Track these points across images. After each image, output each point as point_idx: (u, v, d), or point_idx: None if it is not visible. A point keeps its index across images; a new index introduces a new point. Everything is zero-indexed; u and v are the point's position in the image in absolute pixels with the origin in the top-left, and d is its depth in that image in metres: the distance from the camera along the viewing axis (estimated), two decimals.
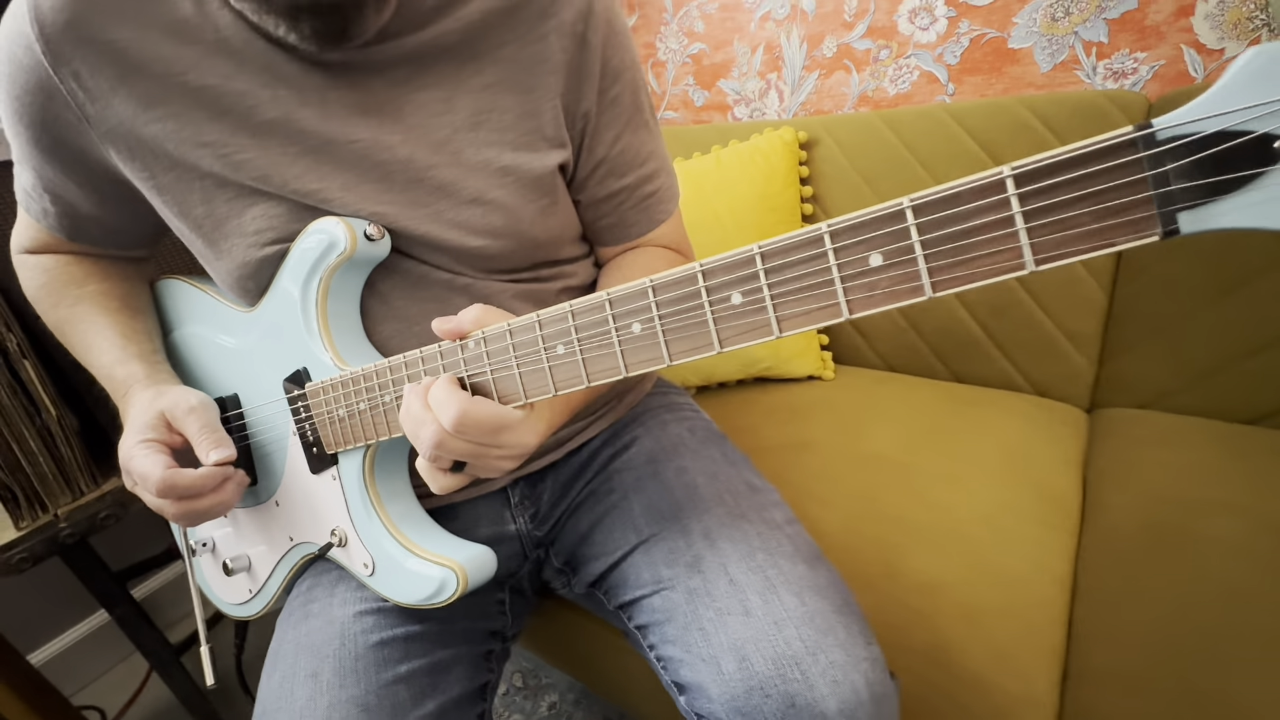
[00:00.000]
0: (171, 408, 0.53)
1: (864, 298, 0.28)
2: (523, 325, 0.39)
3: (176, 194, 0.51)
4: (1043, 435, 0.85)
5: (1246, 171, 0.21)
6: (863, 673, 0.43)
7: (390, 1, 0.46)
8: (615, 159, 0.58)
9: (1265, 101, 0.21)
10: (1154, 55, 0.98)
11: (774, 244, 0.30)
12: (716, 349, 0.32)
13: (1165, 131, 0.22)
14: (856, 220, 0.27)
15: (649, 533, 0.55)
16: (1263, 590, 0.57)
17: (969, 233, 0.25)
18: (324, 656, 0.51)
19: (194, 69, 0.48)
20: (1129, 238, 0.22)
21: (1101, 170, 0.23)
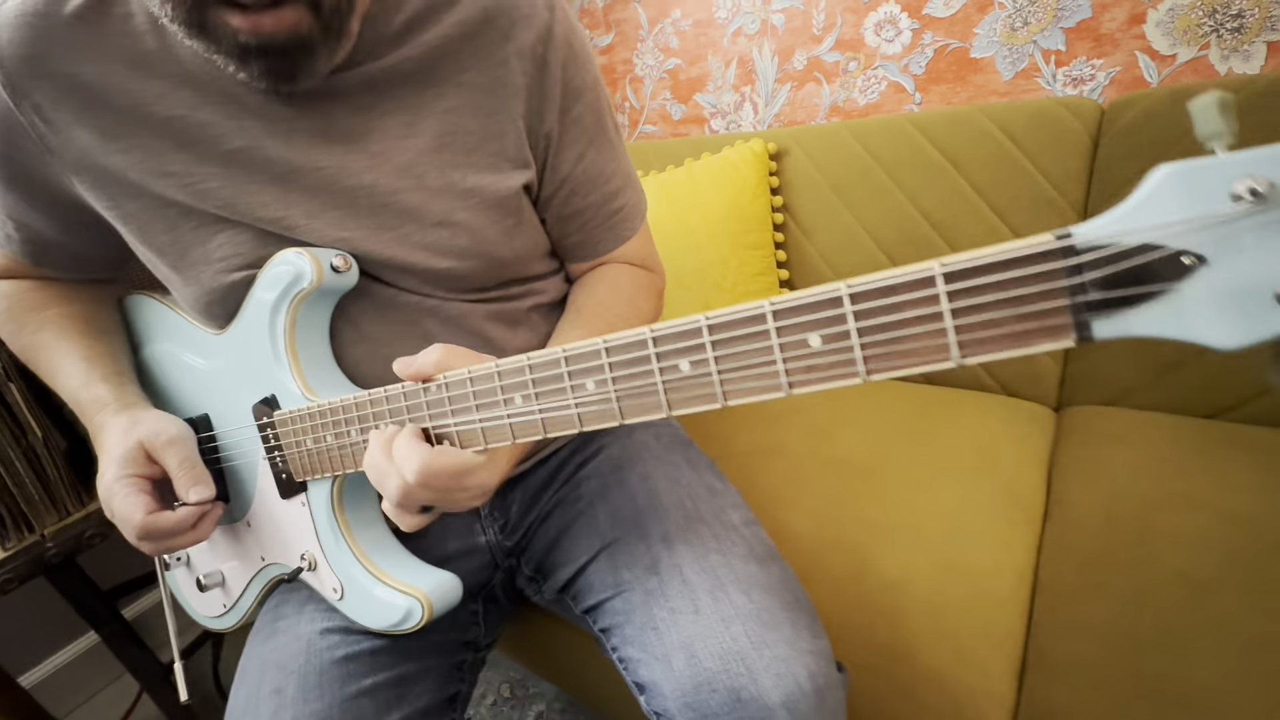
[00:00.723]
0: (150, 438, 0.52)
1: (803, 377, 0.28)
2: (483, 374, 0.39)
3: (141, 222, 0.50)
4: (1009, 434, 0.86)
5: (1157, 286, 0.21)
6: (805, 665, 0.44)
7: (344, 41, 0.45)
8: (579, 177, 0.57)
9: (1177, 220, 0.21)
10: (1110, 62, 0.98)
11: (720, 316, 0.29)
12: (666, 413, 0.32)
13: (1083, 243, 0.22)
14: (798, 302, 0.27)
15: (611, 538, 0.55)
16: (1218, 580, 0.58)
17: (901, 324, 0.25)
18: (289, 673, 0.50)
19: (158, 101, 0.47)
20: (1046, 341, 0.23)
21: (1023, 276, 0.23)
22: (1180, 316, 0.21)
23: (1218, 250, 0.21)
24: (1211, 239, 0.21)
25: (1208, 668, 0.52)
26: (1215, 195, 0.21)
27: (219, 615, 0.65)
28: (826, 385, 0.27)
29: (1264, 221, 0.20)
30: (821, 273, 1.10)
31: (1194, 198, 0.21)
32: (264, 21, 0.39)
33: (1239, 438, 0.77)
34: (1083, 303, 0.22)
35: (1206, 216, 0.21)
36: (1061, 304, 0.22)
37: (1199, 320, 0.21)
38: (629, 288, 0.61)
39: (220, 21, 0.39)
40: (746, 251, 1.06)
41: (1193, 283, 0.21)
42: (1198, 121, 0.22)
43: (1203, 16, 0.90)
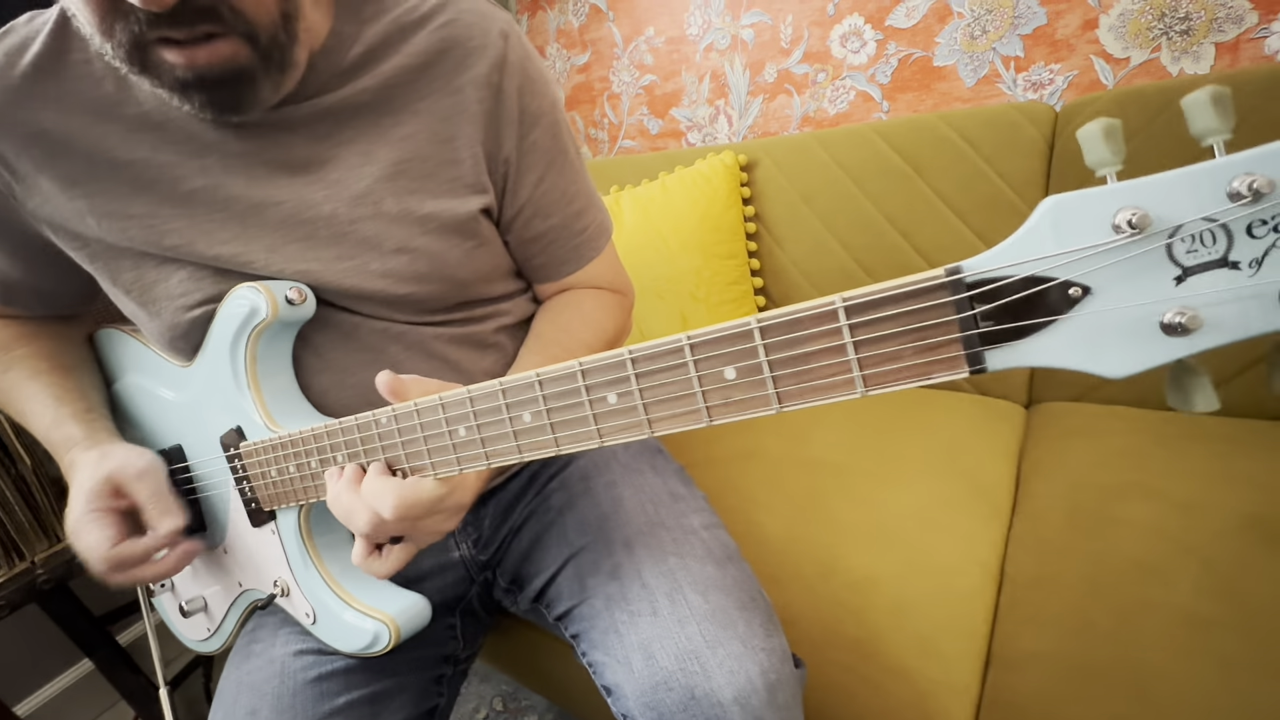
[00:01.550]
0: (119, 471, 0.51)
1: (721, 405, 0.27)
2: (428, 406, 0.39)
3: (107, 261, 0.50)
4: (980, 432, 0.86)
5: (1046, 317, 0.21)
6: (758, 662, 0.43)
7: (291, 71, 0.44)
8: (540, 200, 0.56)
9: (1062, 251, 0.20)
10: (1067, 66, 0.98)
11: (642, 350, 0.29)
12: (599, 442, 0.32)
13: (973, 276, 0.21)
14: (713, 335, 0.27)
15: (578, 546, 0.55)
16: (1169, 566, 0.58)
17: (809, 357, 0.25)
18: (263, 695, 0.50)
19: (119, 145, 0.47)
20: (943, 372, 0.22)
21: (918, 309, 0.22)
22: (1070, 347, 0.21)
23: (1102, 280, 0.20)
24: (1095, 269, 0.20)
25: (1158, 651, 0.52)
26: (1098, 226, 0.20)
27: (204, 639, 0.65)
28: (744, 415, 0.27)
29: (1143, 252, 0.20)
30: (794, 279, 1.09)
31: (1077, 229, 0.20)
32: (198, 55, 0.39)
33: (1196, 428, 0.76)
34: (975, 335, 0.21)
35: (1089, 247, 0.20)
36: (954, 336, 0.22)
37: (1088, 350, 0.21)
38: (591, 309, 0.61)
39: (159, 58, 0.39)
40: (720, 261, 1.06)
41: (1080, 313, 0.21)
42: (1085, 150, 0.21)
43: (1152, 20, 0.89)
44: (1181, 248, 0.20)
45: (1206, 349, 0.20)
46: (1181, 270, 0.20)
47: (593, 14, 1.43)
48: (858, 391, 0.24)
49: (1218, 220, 0.19)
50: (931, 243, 0.95)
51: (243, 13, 0.39)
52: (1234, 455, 0.70)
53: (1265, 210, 0.19)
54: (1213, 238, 0.19)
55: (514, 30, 0.54)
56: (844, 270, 1.03)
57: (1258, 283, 0.19)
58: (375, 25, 0.50)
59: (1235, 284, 0.19)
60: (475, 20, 0.52)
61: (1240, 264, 0.19)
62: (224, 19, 0.38)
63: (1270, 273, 0.19)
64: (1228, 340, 0.20)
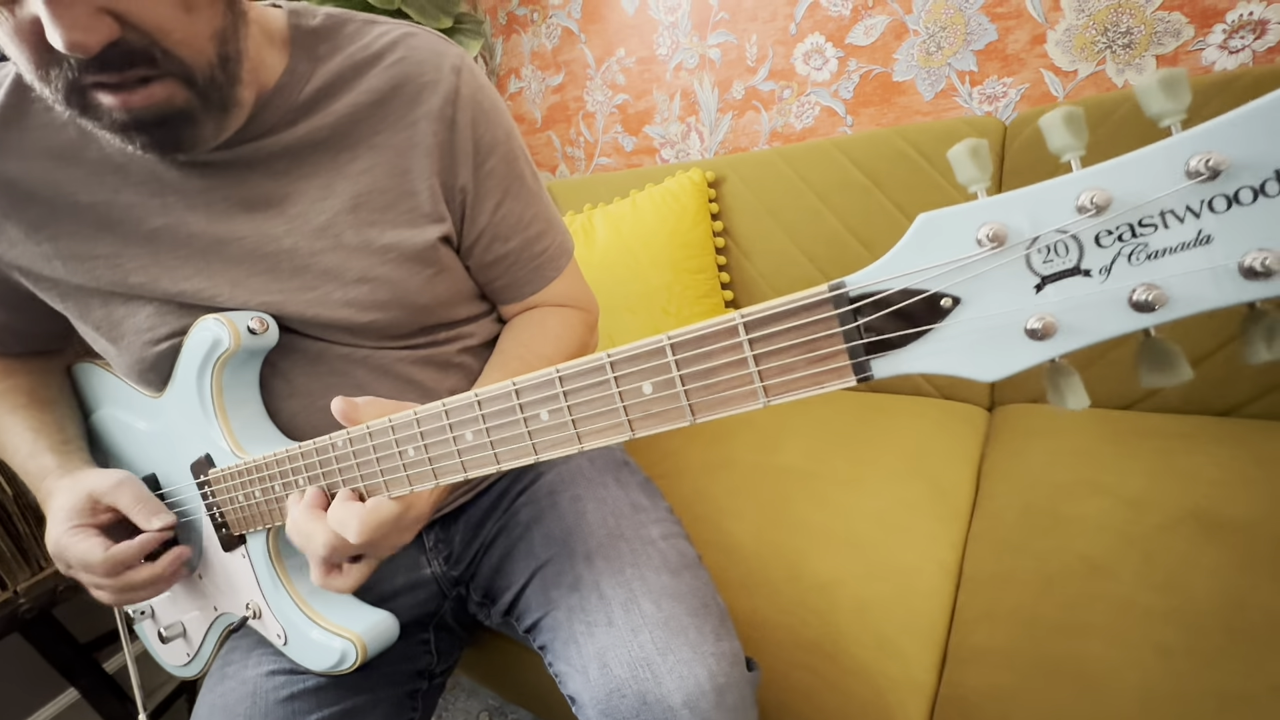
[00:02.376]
0: (95, 487, 0.51)
1: (642, 418, 0.28)
2: (379, 428, 0.39)
3: (78, 300, 0.50)
4: (943, 435, 0.87)
5: (922, 326, 0.22)
6: (706, 666, 0.44)
7: (235, 110, 0.45)
8: (498, 225, 0.57)
9: (932, 264, 0.21)
10: (1019, 79, 1.00)
11: (569, 368, 0.30)
12: (535, 457, 0.33)
13: (855, 290, 0.22)
14: (631, 353, 0.28)
15: (544, 559, 0.56)
16: (1115, 560, 0.59)
17: (716, 370, 0.26)
18: (235, 715, 0.50)
19: (82, 188, 0.47)
20: (834, 381, 0.23)
21: (808, 323, 0.23)
22: (946, 353, 0.22)
23: (970, 291, 0.21)
24: (963, 281, 0.21)
25: (1101, 642, 0.53)
26: (963, 240, 0.21)
27: (184, 664, 0.65)
28: (663, 427, 0.28)
29: (1004, 263, 0.21)
30: (763, 291, 1.10)
31: (945, 243, 0.21)
32: (133, 99, 0.39)
33: (1146, 425, 0.78)
34: (859, 345, 0.23)
35: (955, 261, 0.21)
36: (841, 347, 0.23)
37: (962, 356, 0.22)
38: (554, 326, 0.61)
39: (96, 102, 0.39)
40: (690, 275, 1.07)
41: (953, 322, 0.22)
42: (955, 169, 0.22)
43: (1096, 34, 0.92)
44: (1038, 258, 0.21)
45: (1068, 351, 0.21)
46: (1040, 279, 0.21)
47: (565, 36, 1.46)
48: (760, 402, 0.25)
49: (1069, 232, 0.20)
50: None
51: (176, 55, 0.39)
52: (1180, 451, 0.71)
53: (1109, 221, 0.20)
54: (1065, 248, 0.20)
55: (466, 64, 0.55)
56: (810, 281, 1.04)
57: (1107, 288, 0.20)
58: (329, 63, 0.51)
59: (1088, 290, 0.20)
60: (427, 56, 0.53)
61: (1091, 271, 0.20)
62: (157, 62, 0.38)
63: (1118, 279, 0.20)
64: (1086, 343, 0.21)
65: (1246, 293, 0.19)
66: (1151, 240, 0.20)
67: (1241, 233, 0.19)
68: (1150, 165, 0.19)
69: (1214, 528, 0.60)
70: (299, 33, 0.51)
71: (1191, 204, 0.19)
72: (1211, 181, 0.19)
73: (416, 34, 0.54)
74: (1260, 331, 0.20)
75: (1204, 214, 0.19)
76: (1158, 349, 0.21)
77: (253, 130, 0.48)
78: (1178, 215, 0.19)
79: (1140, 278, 0.20)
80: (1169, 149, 0.19)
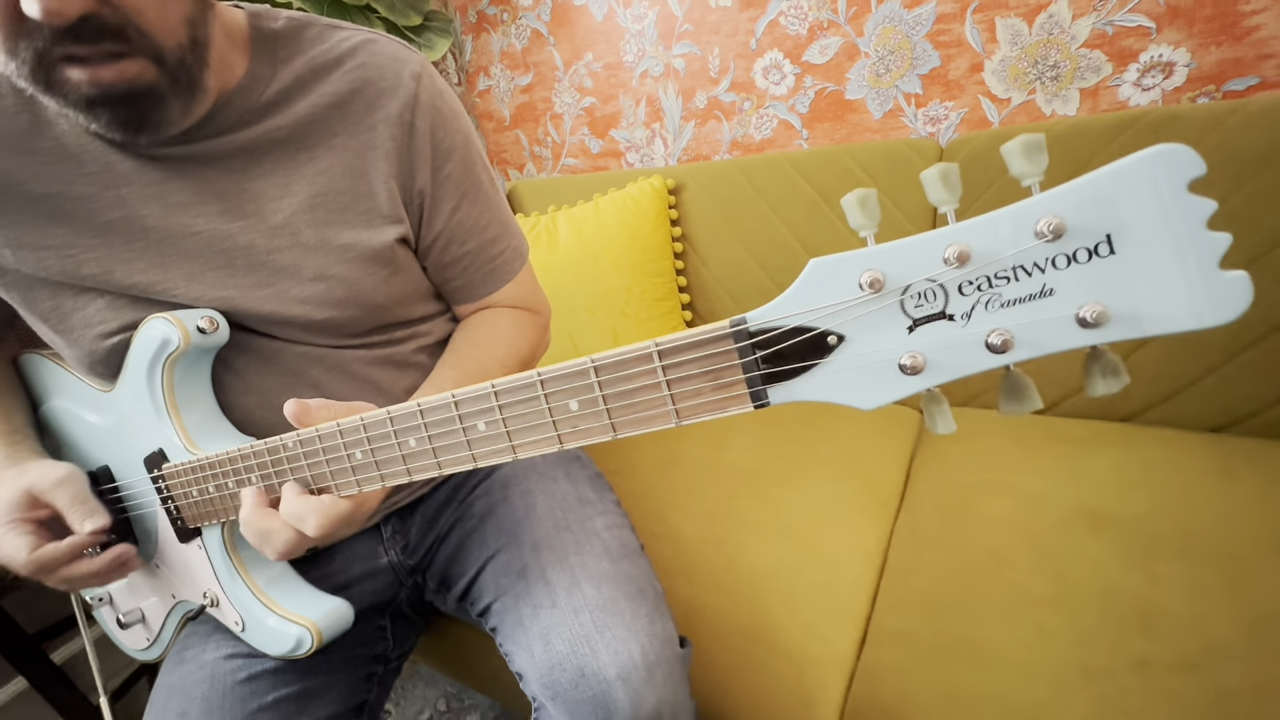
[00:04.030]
0: (36, 483, 0.50)
1: (570, 432, 0.30)
2: (328, 431, 0.40)
3: (23, 290, 0.49)
4: (879, 436, 0.90)
5: (812, 360, 0.23)
6: (639, 643, 0.47)
7: (201, 95, 0.44)
8: (455, 228, 0.57)
9: (820, 305, 0.23)
10: (959, 104, 1.04)
11: (504, 384, 0.31)
12: (473, 464, 0.34)
13: (754, 326, 0.24)
14: (558, 372, 0.29)
15: (495, 548, 0.57)
16: (1014, 552, 0.63)
17: (635, 392, 0.27)
18: (192, 698, 0.50)
19: (34, 178, 0.46)
20: (735, 406, 0.25)
21: (713, 354, 0.24)
22: (832, 385, 0.24)
23: (853, 330, 0.23)
24: (847, 320, 0.23)
25: (993, 624, 0.57)
26: (847, 284, 0.23)
27: (144, 648, 0.64)
28: (589, 441, 0.29)
29: (881, 306, 0.23)
30: (718, 295, 1.12)
31: (833, 286, 0.23)
32: (103, 73, 0.38)
33: (1054, 430, 0.82)
34: (757, 375, 0.24)
35: (841, 303, 0.23)
36: (740, 377, 0.24)
37: (846, 387, 0.24)
38: (507, 327, 0.62)
39: (64, 77, 0.38)
40: (649, 279, 1.08)
41: (839, 356, 0.23)
42: (847, 215, 0.24)
43: (1028, 66, 0.96)
44: (911, 303, 0.22)
45: (936, 384, 0.23)
46: (912, 321, 0.23)
47: (534, 38, 1.44)
48: (673, 422, 0.26)
49: (936, 281, 0.22)
50: None
51: (149, 34, 0.38)
52: (1080, 454, 0.76)
53: (970, 273, 0.22)
54: (934, 295, 0.22)
55: (427, 71, 0.55)
56: (761, 288, 1.07)
57: (967, 332, 0.22)
58: (290, 66, 0.51)
59: (951, 333, 0.22)
60: (387, 63, 0.53)
61: (955, 316, 0.22)
62: (130, 39, 0.38)
63: (976, 324, 0.22)
64: (949, 378, 0.23)
65: (1081, 339, 0.21)
66: (1005, 291, 0.22)
67: (1078, 287, 0.21)
68: (1004, 225, 0.21)
69: (1101, 524, 0.64)
70: (260, 35, 0.51)
71: (1038, 260, 0.21)
72: (1055, 242, 0.21)
73: (378, 40, 0.54)
74: (1098, 369, 0.22)
75: (1048, 270, 0.21)
76: (1014, 382, 0.24)
77: (211, 127, 0.48)
78: (1027, 270, 0.21)
79: (994, 324, 0.22)
80: (1019, 212, 0.21)
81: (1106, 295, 0.21)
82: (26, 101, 0.46)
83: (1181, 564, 0.58)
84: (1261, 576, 0.56)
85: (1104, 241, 0.21)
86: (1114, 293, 0.20)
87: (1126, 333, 0.21)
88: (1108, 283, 0.21)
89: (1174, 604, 0.55)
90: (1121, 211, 0.20)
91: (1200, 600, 0.55)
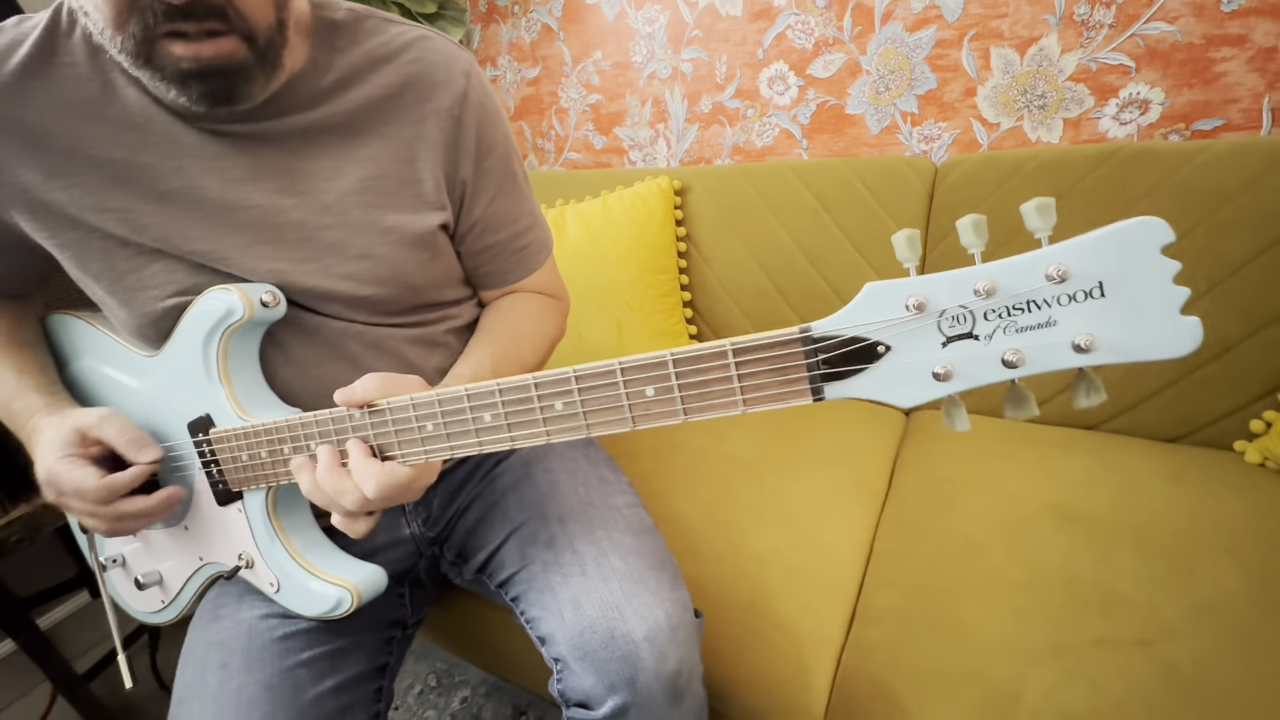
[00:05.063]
0: (82, 422, 0.52)
1: (643, 415, 0.35)
2: (400, 404, 0.44)
3: (77, 250, 0.51)
4: (867, 434, 0.98)
5: (864, 364, 0.29)
6: (664, 609, 0.52)
7: (278, 75, 0.48)
8: (490, 218, 0.62)
9: (873, 321, 0.29)
10: (952, 125, 1.11)
11: (585, 370, 0.36)
12: (546, 440, 0.38)
13: (818, 334, 0.30)
14: (638, 363, 0.34)
15: (519, 521, 0.61)
16: (989, 541, 0.71)
17: (706, 383, 0.32)
18: (233, 650, 0.54)
19: (100, 144, 0.48)
20: (796, 399, 0.30)
21: (781, 354, 0.30)
22: (878, 386, 0.30)
23: (898, 342, 0.29)
24: (894, 334, 0.29)
25: (973, 605, 0.64)
26: (896, 305, 0.29)
27: (157, 610, 0.66)
28: (659, 424, 0.34)
29: (922, 325, 0.28)
30: (718, 295, 1.18)
31: (884, 306, 0.29)
32: (204, 49, 0.42)
33: (1028, 434, 0.91)
34: (818, 374, 0.30)
35: (890, 320, 0.29)
36: (804, 375, 0.30)
37: (889, 388, 0.30)
38: (535, 312, 0.67)
39: (165, 51, 0.42)
40: (653, 275, 1.14)
41: (885, 363, 0.29)
42: (896, 250, 0.30)
43: (1017, 94, 1.04)
44: (945, 323, 0.28)
45: (961, 390, 0.29)
46: (946, 338, 0.29)
47: (544, 32, 1.47)
48: (739, 410, 0.32)
49: (968, 307, 0.28)
50: (834, 270, 1.07)
51: (245, 15, 0.43)
52: (1052, 456, 0.84)
53: (994, 304, 0.28)
54: (965, 318, 0.28)
55: (475, 70, 0.59)
56: (761, 289, 1.13)
57: (989, 349, 0.28)
58: (348, 55, 0.54)
59: (976, 350, 0.28)
60: (440, 59, 0.57)
61: (980, 337, 0.28)
62: (229, 19, 0.42)
63: (996, 344, 0.28)
64: (971, 386, 0.29)
65: (1075, 361, 0.28)
66: (1019, 319, 0.28)
67: (1075, 320, 0.27)
68: (1022, 268, 0.27)
69: (1068, 519, 0.73)
70: (322, 23, 0.54)
71: (1047, 298, 0.27)
72: (1060, 284, 0.27)
73: (431, 38, 0.58)
74: (1082, 387, 0.29)
75: (1054, 305, 0.27)
76: (1018, 393, 0.30)
77: (273, 109, 0.51)
78: (1037, 304, 0.28)
79: (1010, 344, 0.28)
80: (1034, 259, 0.27)
81: (1096, 328, 0.27)
82: (99, 70, 0.48)
83: (1137, 555, 0.67)
84: (1205, 568, 0.65)
85: (1097, 286, 0.27)
86: (1102, 327, 0.27)
87: (1109, 359, 0.27)
88: (1097, 319, 0.27)
89: (1130, 590, 0.63)
90: (1111, 265, 0.26)
91: (1152, 587, 0.63)
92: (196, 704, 0.51)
